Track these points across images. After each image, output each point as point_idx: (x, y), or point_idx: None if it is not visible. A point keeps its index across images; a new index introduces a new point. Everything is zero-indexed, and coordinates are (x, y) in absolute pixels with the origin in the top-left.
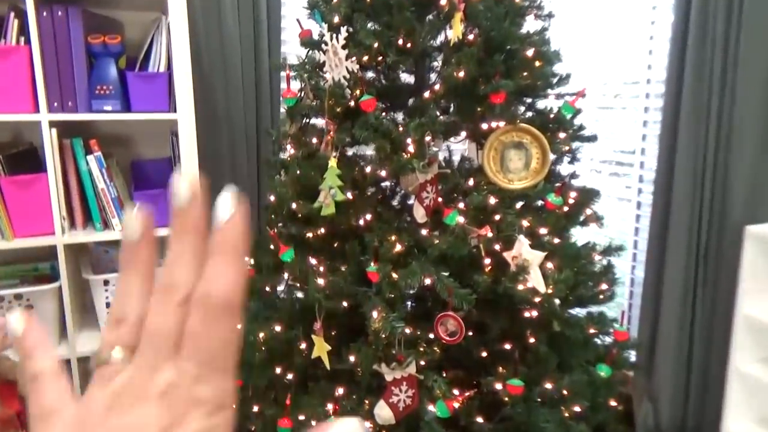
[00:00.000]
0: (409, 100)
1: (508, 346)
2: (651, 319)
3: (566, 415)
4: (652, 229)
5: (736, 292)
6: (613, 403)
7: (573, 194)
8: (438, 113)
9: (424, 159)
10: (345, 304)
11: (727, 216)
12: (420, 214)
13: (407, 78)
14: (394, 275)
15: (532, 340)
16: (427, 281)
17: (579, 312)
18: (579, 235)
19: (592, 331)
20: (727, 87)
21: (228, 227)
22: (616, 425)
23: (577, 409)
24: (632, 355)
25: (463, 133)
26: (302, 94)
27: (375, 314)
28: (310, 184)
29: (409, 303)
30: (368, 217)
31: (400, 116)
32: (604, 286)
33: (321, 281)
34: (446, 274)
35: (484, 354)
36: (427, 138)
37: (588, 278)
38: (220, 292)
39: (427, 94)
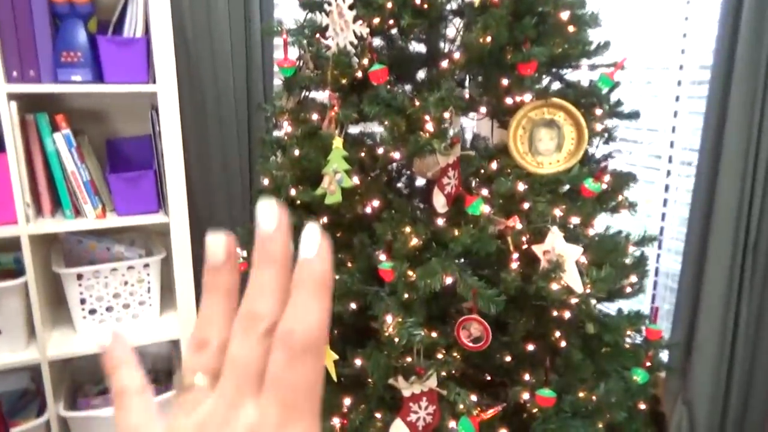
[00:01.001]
0: (417, 72)
1: (533, 349)
2: (688, 316)
3: (600, 426)
4: (692, 217)
5: None
6: (642, 406)
7: (606, 178)
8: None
9: (446, 139)
10: (353, 305)
11: None
12: (441, 203)
13: (416, 47)
14: (411, 274)
15: (562, 343)
16: (449, 280)
17: (607, 307)
18: (606, 224)
19: (627, 332)
20: None
21: (314, 262)
22: (645, 428)
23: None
24: (665, 356)
25: (483, 110)
26: (301, 63)
27: (389, 319)
28: (311, 167)
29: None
30: (377, 203)
31: (409, 90)
32: (633, 279)
33: None
34: (468, 271)
35: (509, 358)
36: (447, 115)
37: (621, 272)
38: (305, 330)
39: (445, 64)
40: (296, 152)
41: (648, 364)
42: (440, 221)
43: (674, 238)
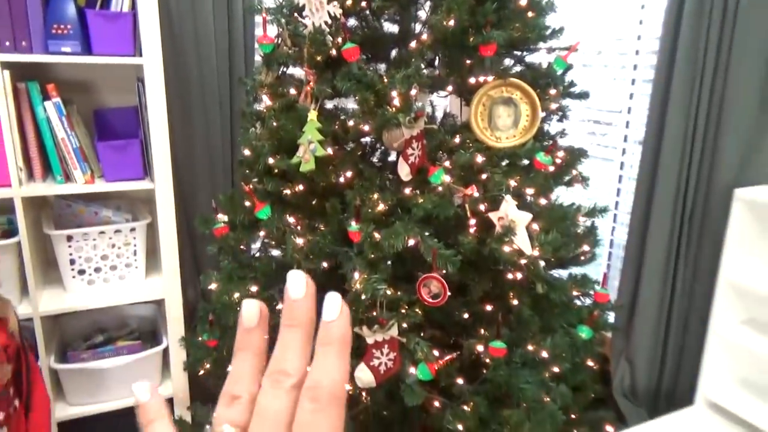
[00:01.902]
0: (392, 52)
1: (490, 308)
2: (632, 281)
3: (546, 375)
4: (638, 191)
5: (720, 255)
6: (590, 363)
7: (560, 154)
8: (423, 66)
9: (411, 113)
10: (325, 264)
11: (715, 179)
12: (405, 172)
13: (390, 28)
14: (377, 235)
15: (515, 302)
16: (411, 242)
17: (561, 274)
18: (562, 196)
19: (574, 293)
20: (724, 46)
21: (337, 324)
22: (593, 385)
23: (556, 370)
24: (611, 317)
25: (449, 88)
26: (279, 41)
27: (356, 275)
28: (288, 137)
29: (389, 263)
30: (349, 174)
31: (383, 68)
32: (586, 248)
33: (300, 240)
34: (430, 234)
35: (466, 316)
36: (414, 91)
37: (571, 240)
38: (330, 383)
39: (413, 44)
40: (274, 124)
41: (593, 322)
42: (407, 190)
43: (628, 212)
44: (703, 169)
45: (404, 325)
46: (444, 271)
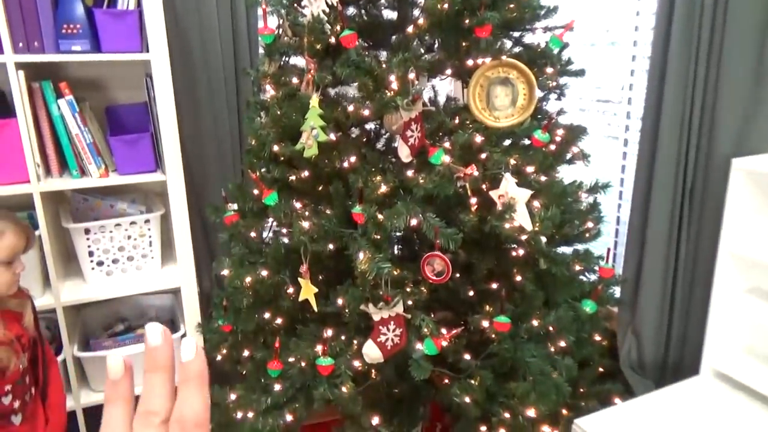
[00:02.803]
0: (392, 38)
1: (494, 286)
2: (636, 255)
3: (552, 350)
4: (639, 166)
5: (720, 226)
6: (597, 338)
7: (560, 132)
8: (422, 50)
9: (408, 96)
10: (331, 246)
11: (714, 150)
12: (405, 154)
13: (390, 15)
14: (380, 216)
15: (518, 278)
16: (413, 222)
17: (565, 250)
18: (566, 174)
19: (578, 268)
20: (718, 17)
21: (194, 362)
22: (600, 359)
23: (562, 344)
24: (617, 292)
25: (449, 71)
26: (280, 31)
27: (361, 256)
28: (292, 125)
29: (396, 246)
30: (353, 159)
31: (384, 54)
32: (590, 224)
33: (306, 224)
34: (432, 214)
35: (471, 294)
36: (411, 75)
37: (574, 216)
38: (193, 414)
39: (410, 29)
40: (278, 112)
41: (597, 297)
42: (409, 172)
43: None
44: (702, 141)
45: (410, 302)
46: (447, 251)
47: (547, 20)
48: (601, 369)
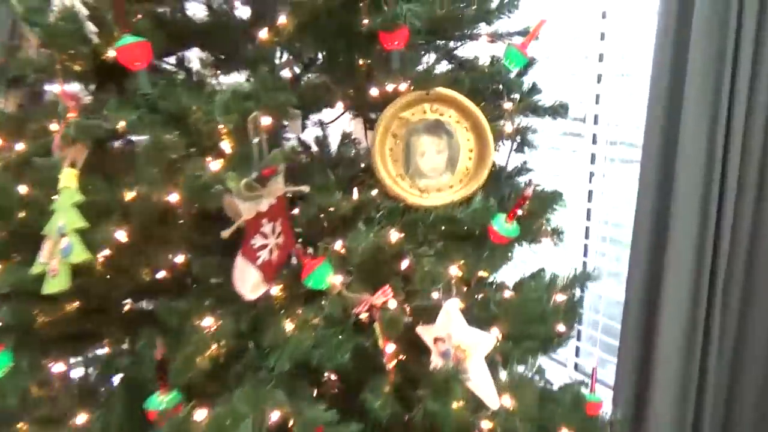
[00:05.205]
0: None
1: None
2: (641, 364)
3: None
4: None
5: None
6: None
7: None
8: (298, 68)
9: (251, 172)
10: None
11: (763, 221)
12: (250, 284)
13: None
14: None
15: None
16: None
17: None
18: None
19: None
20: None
21: None
22: None
23: None
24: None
25: (340, 104)
26: (17, 40)
27: None
28: (25, 226)
29: None
30: (162, 275)
31: (231, 78)
32: (560, 328)
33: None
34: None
35: None
36: (265, 121)
37: (542, 323)
38: None
39: (264, 35)
40: None
41: None
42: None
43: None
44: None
45: None
46: None
47: (498, 22)
48: None
